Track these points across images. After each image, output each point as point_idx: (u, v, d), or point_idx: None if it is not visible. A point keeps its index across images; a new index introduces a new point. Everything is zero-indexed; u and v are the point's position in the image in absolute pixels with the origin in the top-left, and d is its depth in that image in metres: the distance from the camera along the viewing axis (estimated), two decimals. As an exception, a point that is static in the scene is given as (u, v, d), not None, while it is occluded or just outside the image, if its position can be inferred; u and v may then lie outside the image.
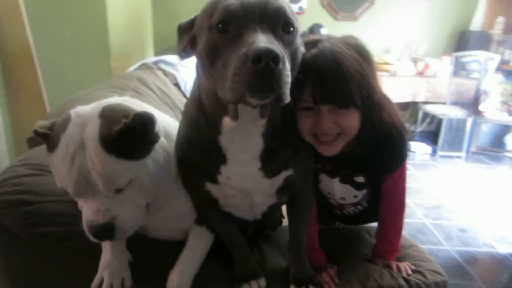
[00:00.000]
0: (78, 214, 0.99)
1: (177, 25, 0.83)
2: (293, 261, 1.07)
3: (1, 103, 2.00)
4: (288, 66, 0.67)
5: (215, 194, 0.95)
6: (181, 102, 1.95)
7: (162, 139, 0.90)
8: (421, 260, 1.16)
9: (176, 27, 0.84)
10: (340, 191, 1.12)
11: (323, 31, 4.23)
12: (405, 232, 2.49)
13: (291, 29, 0.73)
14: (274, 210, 1.09)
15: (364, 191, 1.12)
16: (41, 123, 0.82)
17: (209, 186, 0.93)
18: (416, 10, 4.84)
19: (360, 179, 1.09)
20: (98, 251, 0.96)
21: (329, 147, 0.93)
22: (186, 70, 2.30)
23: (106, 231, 0.80)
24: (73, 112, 0.82)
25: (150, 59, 2.42)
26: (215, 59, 0.70)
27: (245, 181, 0.90)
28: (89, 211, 0.81)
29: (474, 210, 3.01)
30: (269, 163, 0.89)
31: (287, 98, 0.68)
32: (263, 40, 0.64)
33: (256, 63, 0.61)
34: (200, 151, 0.89)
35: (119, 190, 0.81)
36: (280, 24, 0.71)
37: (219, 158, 0.87)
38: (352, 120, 0.90)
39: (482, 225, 2.76)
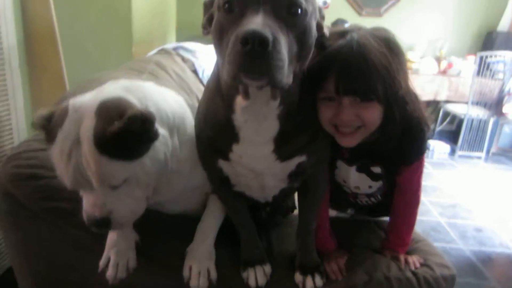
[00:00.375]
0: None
1: (204, 1, 0.84)
2: (300, 248, 1.07)
3: (23, 81, 2.04)
4: (283, 49, 0.66)
5: (227, 172, 0.96)
6: (198, 88, 1.95)
7: (163, 134, 0.87)
8: (430, 254, 1.15)
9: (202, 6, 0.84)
10: (355, 180, 1.11)
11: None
12: (418, 229, 2.47)
13: (298, 10, 0.70)
14: (285, 194, 1.09)
15: (380, 183, 1.11)
16: (39, 115, 0.82)
17: (221, 163, 0.94)
18: (443, 7, 4.76)
19: (377, 169, 1.07)
20: (106, 230, 0.98)
21: (348, 139, 0.92)
22: (205, 57, 2.31)
23: (102, 224, 0.82)
24: (71, 104, 0.81)
25: (170, 45, 2.44)
26: (221, 38, 0.71)
27: (257, 162, 0.90)
28: (87, 204, 0.82)
29: (491, 211, 2.96)
30: (283, 146, 0.88)
31: (282, 82, 0.67)
32: (255, 22, 0.63)
33: (244, 44, 0.61)
34: (215, 127, 0.90)
35: (115, 187, 0.81)
36: (284, 6, 0.69)
37: (233, 136, 0.87)
38: (373, 114, 0.89)
39: (499, 225, 2.71)
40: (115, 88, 0.87)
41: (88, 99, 0.82)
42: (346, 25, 3.50)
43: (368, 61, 0.84)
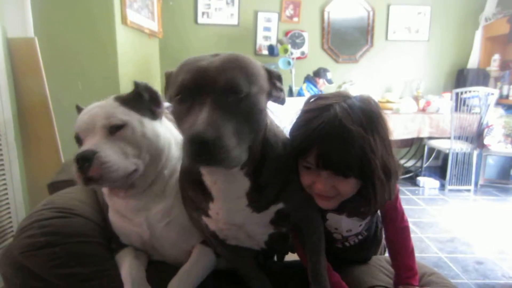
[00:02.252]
0: (101, 254, 1.04)
1: (165, 72, 0.90)
2: None
3: (18, 154, 2.05)
4: (227, 141, 0.70)
5: (212, 228, 0.98)
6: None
7: (167, 125, 1.12)
8: (445, 286, 1.16)
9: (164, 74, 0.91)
10: (346, 225, 1.15)
11: (329, 75, 4.39)
12: (421, 267, 2.48)
13: (241, 95, 0.75)
14: (278, 239, 1.08)
15: (368, 218, 1.15)
16: None
17: (205, 220, 0.98)
18: (414, 51, 5.04)
19: (363, 209, 1.09)
20: (121, 288, 0.98)
21: (326, 203, 0.97)
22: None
23: (85, 157, 0.92)
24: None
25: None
26: (179, 124, 0.78)
27: (234, 216, 0.93)
28: (82, 148, 0.96)
29: (488, 242, 2.98)
30: (256, 199, 0.91)
31: (232, 164, 0.73)
32: (199, 121, 0.69)
33: (191, 145, 0.68)
34: (192, 188, 0.96)
35: (112, 131, 0.98)
36: (227, 93, 0.74)
37: (207, 195, 0.92)
38: (348, 186, 0.94)
39: (499, 256, 2.72)
40: None
41: None
42: (328, 74, 3.63)
43: (347, 142, 0.88)
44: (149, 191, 1.07)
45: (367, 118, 0.91)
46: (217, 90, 0.74)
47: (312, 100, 1.00)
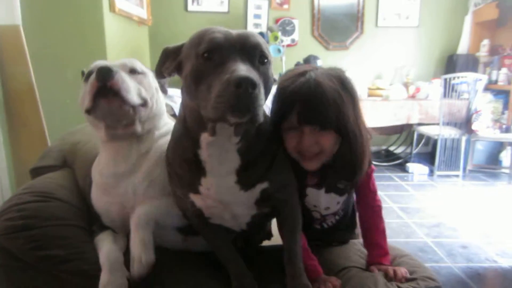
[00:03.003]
0: (78, 237, 1.07)
1: (164, 48, 0.95)
2: (289, 273, 1.08)
3: (4, 140, 2.06)
4: (262, 91, 0.79)
5: (198, 205, 1.02)
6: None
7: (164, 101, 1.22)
8: (416, 267, 1.18)
9: (162, 50, 0.95)
10: (325, 201, 1.19)
11: (319, 62, 4.40)
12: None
13: (265, 61, 0.86)
14: (259, 221, 1.13)
15: (345, 196, 1.21)
16: None
17: (193, 197, 1.01)
18: (404, 37, 5.05)
19: (342, 183, 1.17)
20: (99, 271, 1.00)
21: (311, 162, 1.07)
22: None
23: (110, 69, 0.98)
24: None
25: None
26: (200, 83, 0.81)
27: (223, 193, 0.98)
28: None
29: (474, 226, 3.03)
30: (244, 176, 0.97)
31: (261, 119, 0.79)
32: (243, 69, 0.75)
33: (237, 87, 0.72)
34: (183, 164, 0.98)
35: (132, 72, 1.09)
36: (257, 56, 0.84)
37: (200, 170, 0.96)
38: (329, 140, 1.05)
39: (484, 240, 2.77)
40: None
41: None
42: (318, 61, 3.75)
43: (323, 97, 1.00)
44: (137, 148, 1.12)
45: (339, 81, 1.04)
46: (249, 51, 0.83)
47: (287, 71, 1.12)
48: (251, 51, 0.83)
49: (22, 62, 2.13)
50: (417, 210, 3.33)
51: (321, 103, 1.00)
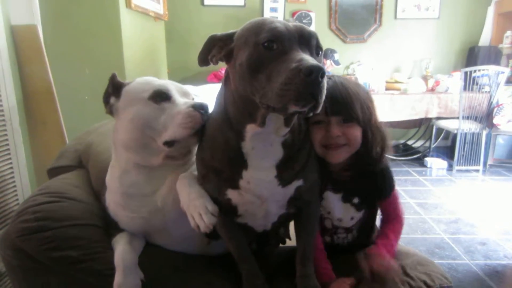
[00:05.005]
0: (92, 237, 1.08)
1: (210, 35, 0.94)
2: (300, 274, 1.09)
3: (23, 138, 2.11)
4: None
5: (235, 201, 1.02)
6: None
7: None
8: (428, 263, 1.17)
9: (209, 36, 0.94)
10: (339, 210, 1.19)
11: (336, 56, 4.37)
12: (423, 248, 2.52)
13: (320, 52, 0.89)
14: (282, 221, 1.14)
15: (361, 213, 1.21)
16: None
17: (231, 193, 1.01)
18: (424, 29, 4.95)
19: (356, 200, 1.19)
20: (113, 272, 1.01)
21: (337, 153, 1.09)
22: (197, 98, 2.39)
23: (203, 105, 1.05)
24: None
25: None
26: (259, 71, 0.81)
27: (263, 187, 0.98)
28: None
29: (493, 223, 2.97)
30: (284, 171, 0.98)
31: (321, 107, 0.80)
32: (309, 58, 0.77)
33: (308, 76, 0.73)
34: (224, 158, 0.98)
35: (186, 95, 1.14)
36: (314, 47, 0.86)
37: (241, 163, 0.96)
38: (355, 132, 1.09)
39: (503, 237, 2.72)
40: None
41: None
42: (335, 54, 3.81)
43: (349, 92, 1.07)
44: (173, 171, 1.11)
45: (359, 87, 1.13)
46: (308, 42, 0.85)
47: None
48: (310, 41, 0.85)
49: (40, 61, 2.17)
50: (435, 206, 3.28)
51: (347, 95, 1.06)
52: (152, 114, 1.05)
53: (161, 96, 1.06)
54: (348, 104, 1.06)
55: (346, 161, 1.13)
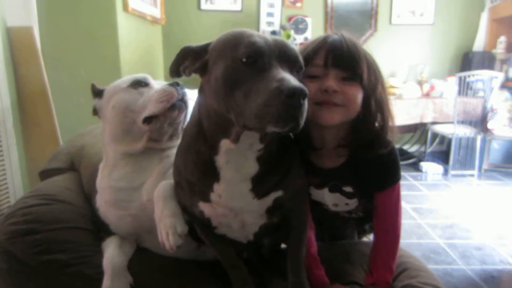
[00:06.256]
0: (81, 240, 1.07)
1: (183, 47, 0.89)
2: (292, 282, 1.06)
3: (17, 140, 2.09)
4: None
5: (208, 214, 0.98)
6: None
7: None
8: (421, 270, 1.14)
9: (182, 48, 0.90)
10: (330, 200, 1.14)
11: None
12: (418, 253, 2.51)
13: (301, 70, 0.84)
14: (266, 231, 1.08)
15: (355, 200, 1.13)
16: None
17: (202, 206, 0.97)
18: (419, 35, 4.96)
19: (348, 189, 1.11)
20: (101, 275, 1.00)
21: (329, 114, 0.96)
22: (192, 103, 2.39)
23: (178, 83, 1.12)
24: None
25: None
26: (235, 88, 0.76)
27: (236, 200, 0.94)
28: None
29: (489, 228, 2.96)
30: (259, 184, 0.92)
31: (300, 128, 0.75)
32: (291, 78, 0.72)
33: (290, 97, 0.69)
34: (196, 170, 0.94)
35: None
36: (295, 65, 0.81)
37: (213, 176, 0.91)
38: (355, 93, 0.96)
39: (498, 242, 2.71)
40: None
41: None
42: None
43: (357, 47, 0.95)
44: (159, 160, 1.13)
45: (370, 53, 1.01)
46: (289, 59, 0.80)
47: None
48: (291, 59, 0.81)
49: (35, 63, 2.16)
50: (431, 211, 3.28)
51: (354, 49, 0.95)
52: (132, 98, 1.11)
53: (139, 83, 1.13)
54: (353, 58, 0.94)
55: (342, 133, 1.02)
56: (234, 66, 0.77)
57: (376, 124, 1.02)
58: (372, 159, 1.03)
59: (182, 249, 1.14)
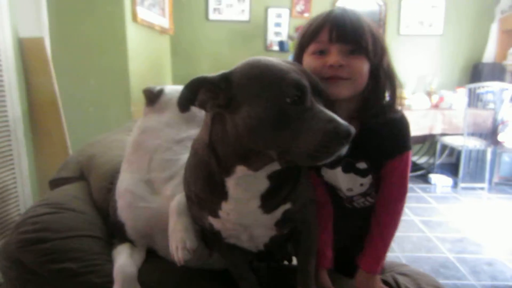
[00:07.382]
0: (90, 249, 1.07)
1: (195, 78, 0.80)
2: None
3: (27, 149, 2.11)
4: None
5: (217, 227, 0.98)
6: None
7: None
8: (419, 275, 1.14)
9: (194, 78, 0.80)
10: (345, 182, 1.11)
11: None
12: (427, 267, 2.47)
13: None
14: (277, 242, 1.07)
15: (370, 178, 1.10)
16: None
17: (211, 220, 0.97)
18: (427, 45, 4.95)
19: (362, 165, 1.07)
20: (111, 285, 0.99)
21: (336, 87, 0.94)
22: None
23: None
24: None
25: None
26: (281, 128, 0.74)
27: (244, 217, 0.93)
28: None
29: (500, 242, 2.92)
30: (269, 200, 0.91)
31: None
32: (338, 117, 0.74)
33: (346, 138, 0.73)
34: (204, 187, 0.93)
35: None
36: (323, 97, 0.82)
37: (221, 195, 0.90)
38: (361, 65, 0.94)
39: (509, 257, 2.66)
40: None
41: None
42: None
43: (361, 20, 0.94)
44: None
45: (374, 24, 0.99)
46: (324, 96, 0.82)
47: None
48: (322, 93, 0.82)
49: (46, 73, 2.19)
50: (440, 224, 3.23)
51: (358, 22, 0.93)
52: None
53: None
54: (358, 31, 0.93)
55: (353, 105, 1.00)
56: (280, 106, 0.75)
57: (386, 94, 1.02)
58: (384, 124, 1.02)
59: (194, 255, 1.14)
